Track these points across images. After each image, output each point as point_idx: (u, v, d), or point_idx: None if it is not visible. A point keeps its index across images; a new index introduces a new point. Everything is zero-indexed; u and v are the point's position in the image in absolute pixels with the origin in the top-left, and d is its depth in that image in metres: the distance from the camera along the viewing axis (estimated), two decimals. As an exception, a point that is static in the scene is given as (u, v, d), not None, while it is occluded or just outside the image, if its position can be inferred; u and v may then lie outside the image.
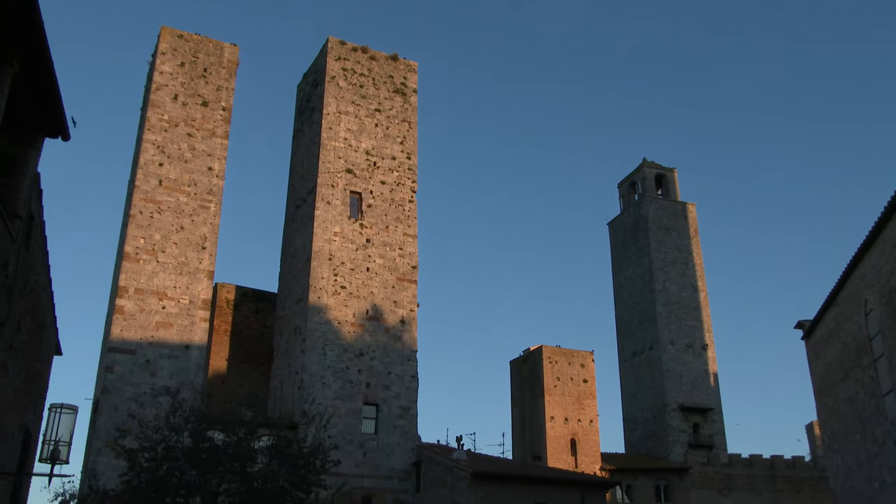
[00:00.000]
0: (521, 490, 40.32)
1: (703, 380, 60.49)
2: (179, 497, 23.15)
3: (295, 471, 24.04)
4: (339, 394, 44.55)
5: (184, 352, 43.83)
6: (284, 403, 45.78)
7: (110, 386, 41.50)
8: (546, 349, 56.26)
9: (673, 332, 61.13)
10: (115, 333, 42.72)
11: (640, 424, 60.83)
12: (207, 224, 46.75)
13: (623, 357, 64.75)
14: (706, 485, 53.66)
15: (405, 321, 48.00)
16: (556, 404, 54.30)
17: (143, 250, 44.76)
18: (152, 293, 44.26)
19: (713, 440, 58.34)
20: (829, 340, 30.33)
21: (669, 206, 66.97)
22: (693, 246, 65.65)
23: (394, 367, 46.57)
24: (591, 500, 41.73)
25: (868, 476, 27.26)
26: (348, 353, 45.71)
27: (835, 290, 28.55)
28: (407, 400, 46.18)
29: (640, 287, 64.13)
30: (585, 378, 56.04)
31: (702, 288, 64.14)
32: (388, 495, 43.69)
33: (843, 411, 29.17)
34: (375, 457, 44.16)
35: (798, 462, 56.30)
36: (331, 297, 46.48)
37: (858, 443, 27.95)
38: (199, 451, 23.29)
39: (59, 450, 13.47)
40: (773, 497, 54.29)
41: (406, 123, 53.02)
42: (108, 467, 33.83)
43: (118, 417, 37.65)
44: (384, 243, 49.15)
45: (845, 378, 28.79)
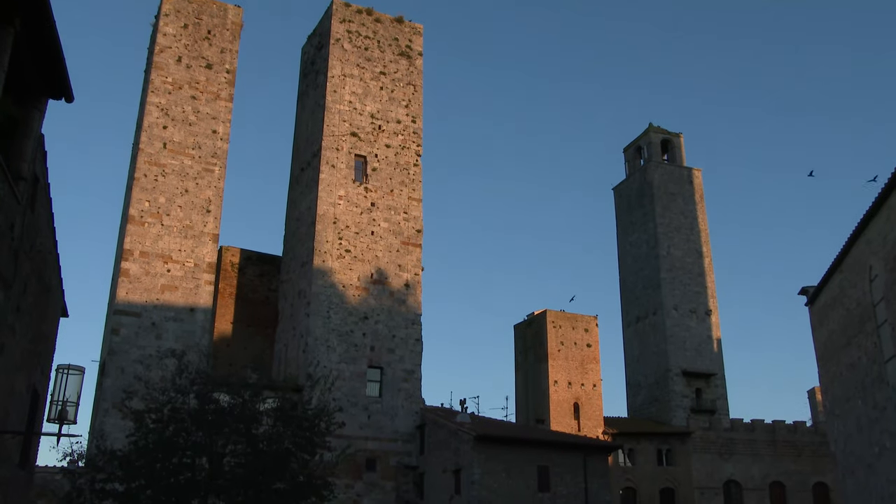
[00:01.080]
0: (524, 453, 40.68)
1: (706, 345, 60.71)
2: (186, 458, 23.40)
3: (300, 433, 24.26)
4: (343, 357, 44.83)
5: (189, 315, 44.08)
6: (289, 366, 46.12)
7: (116, 348, 41.82)
8: (550, 314, 56.42)
9: (677, 298, 61.23)
10: (120, 296, 42.93)
11: (642, 389, 61.19)
12: (212, 187, 46.75)
13: (627, 322, 64.94)
14: (708, 449, 54.09)
15: (410, 285, 48.13)
16: (560, 368, 54.59)
17: (147, 213, 44.83)
18: (157, 256, 44.41)
19: (715, 405, 58.70)
20: (832, 307, 30.37)
21: (675, 171, 66.73)
22: (698, 211, 65.51)
23: (398, 331, 46.79)
24: (594, 463, 42.11)
25: (868, 441, 27.45)
26: (353, 317, 45.91)
27: (840, 256, 28.51)
28: (411, 363, 46.47)
29: (644, 252, 64.13)
30: (589, 343, 56.27)
31: (706, 253, 64.13)
32: (391, 457, 44.15)
33: (845, 377, 29.30)
34: (379, 419, 44.55)
35: (799, 427, 56.67)
36: (335, 261, 46.58)
37: (859, 408, 28.11)
38: (205, 412, 23.51)
39: (66, 410, 13.61)
40: (773, 461, 54.73)
41: (411, 87, 52.71)
42: (115, 428, 34.23)
43: (125, 379, 37.98)
44: (389, 207, 49.13)
45: (848, 344, 28.87)
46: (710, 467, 53.62)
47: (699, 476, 53.10)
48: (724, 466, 53.92)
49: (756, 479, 54.10)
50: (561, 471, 40.91)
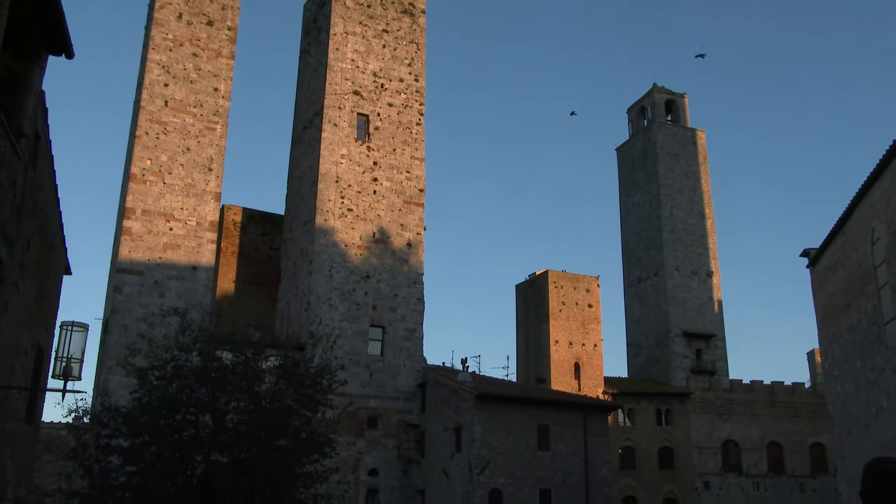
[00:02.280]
0: (525, 412, 41.06)
1: (707, 306, 60.88)
2: (189, 414, 23.58)
3: (302, 390, 24.42)
4: (345, 315, 45.03)
5: (191, 273, 44.20)
6: (291, 325, 46.36)
7: (119, 306, 42.02)
8: (552, 274, 56.51)
9: (679, 259, 61.28)
10: (123, 254, 43.02)
11: (643, 350, 61.50)
12: (214, 145, 46.60)
13: (628, 283, 65.07)
14: (707, 409, 54.51)
15: (412, 244, 48.17)
16: (561, 328, 54.81)
17: (149, 172, 44.74)
18: (159, 215, 44.40)
19: (715, 366, 59.04)
20: (834, 269, 30.40)
21: (679, 132, 66.38)
22: (701, 173, 65.29)
23: (400, 290, 46.94)
24: (594, 422, 42.51)
25: (866, 402, 27.66)
26: (355, 276, 46.03)
27: (842, 218, 28.47)
28: (413, 322, 46.68)
29: (646, 213, 64.04)
30: (590, 303, 56.42)
31: (709, 215, 64.03)
32: (393, 415, 44.57)
33: (845, 339, 29.43)
34: (381, 378, 44.89)
35: (798, 388, 57.03)
36: (337, 220, 46.58)
37: (858, 370, 28.28)
38: (208, 370, 23.64)
39: (71, 366, 13.71)
40: (772, 422, 55.18)
41: (414, 45, 52.25)
42: (119, 385, 34.50)
43: (128, 337, 38.20)
44: (391, 166, 48.99)
45: (848, 306, 28.95)
46: (709, 427, 54.08)
47: (698, 436, 53.59)
48: (722, 426, 54.37)
49: (754, 439, 54.60)
50: (561, 429, 41.32)
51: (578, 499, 40.57)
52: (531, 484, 39.78)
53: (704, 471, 53.11)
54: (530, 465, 39.97)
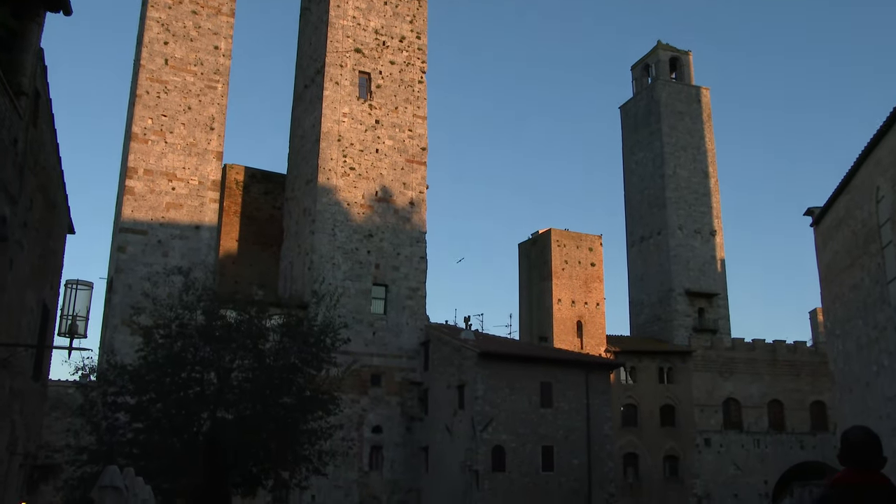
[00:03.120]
0: (527, 370, 41.35)
1: (709, 265, 60.94)
2: (195, 372, 23.81)
3: (305, 348, 24.61)
4: (348, 274, 45.15)
5: (194, 232, 44.26)
6: (295, 283, 46.51)
7: (123, 265, 42.15)
8: (554, 232, 56.48)
9: (682, 218, 61.19)
10: (126, 214, 43.05)
11: (645, 308, 61.69)
12: (215, 104, 46.35)
13: (631, 242, 65.06)
14: (708, 368, 54.83)
15: (414, 203, 48.12)
16: (564, 287, 54.93)
17: (150, 131, 44.58)
18: (162, 174, 44.34)
19: (717, 325, 59.26)
20: (837, 227, 30.35)
21: (683, 89, 65.85)
22: (706, 131, 64.90)
23: (403, 249, 46.99)
24: (596, 380, 42.82)
25: (867, 360, 27.80)
26: (357, 235, 46.06)
27: (847, 176, 28.36)
28: (416, 281, 46.81)
29: (650, 172, 63.80)
30: (593, 262, 56.46)
31: (713, 174, 63.78)
32: (396, 373, 44.90)
33: (847, 297, 29.49)
34: (384, 336, 45.13)
35: (800, 347, 57.29)
36: (340, 179, 46.48)
37: (860, 328, 28.37)
38: (212, 328, 23.81)
39: (76, 324, 13.80)
40: (772, 380, 55.53)
41: (416, 2, 51.65)
42: (124, 344, 34.77)
43: (132, 296, 38.40)
44: (393, 124, 48.75)
45: (852, 265, 28.96)
46: (711, 385, 54.46)
47: (699, 394, 53.98)
48: (724, 385, 54.74)
49: (755, 397, 55.00)
50: (563, 387, 41.64)
51: (580, 455, 41.03)
52: (534, 441, 40.21)
53: (705, 428, 53.59)
54: (533, 423, 40.36)
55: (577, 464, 40.93)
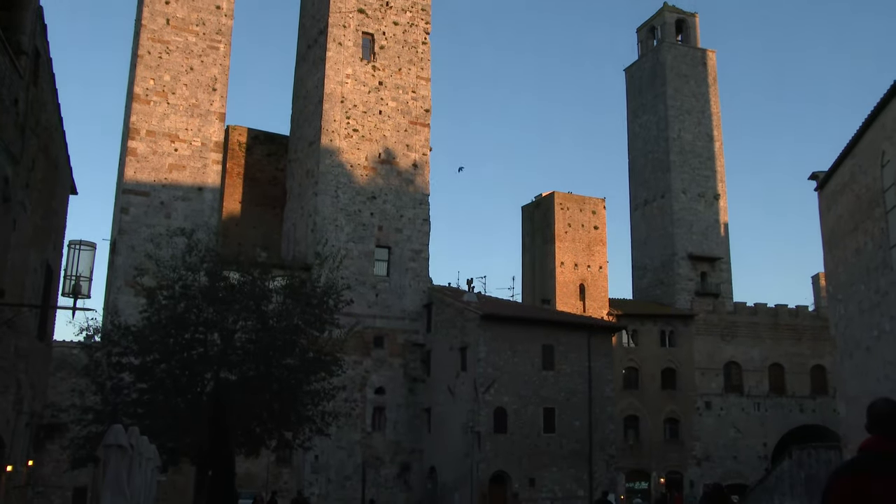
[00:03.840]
0: (530, 332, 41.52)
1: (713, 229, 60.83)
2: (198, 333, 23.90)
3: (308, 310, 24.66)
4: (351, 236, 45.17)
5: (197, 194, 44.21)
6: (298, 245, 46.56)
7: (126, 227, 42.20)
8: (558, 195, 56.35)
9: (686, 181, 60.97)
10: (128, 175, 42.98)
11: (648, 272, 61.71)
12: (217, 65, 46.02)
13: (634, 205, 64.90)
14: (710, 331, 55.00)
15: (417, 165, 47.97)
16: (567, 250, 54.93)
17: (152, 92, 44.33)
18: (164, 135, 44.18)
19: (720, 289, 59.31)
20: (842, 192, 30.24)
21: (689, 52, 65.20)
22: (711, 94, 64.39)
23: (406, 211, 46.94)
24: (598, 343, 43.00)
25: (868, 324, 27.86)
26: (360, 196, 45.99)
27: (853, 140, 28.19)
28: (419, 243, 46.82)
29: (654, 135, 63.43)
30: (596, 225, 56.39)
31: (717, 137, 63.40)
32: (399, 335, 45.10)
33: (850, 262, 29.47)
34: (387, 298, 45.26)
35: (801, 311, 57.40)
36: (343, 140, 46.30)
37: (862, 293, 28.39)
38: (216, 290, 23.85)
39: (80, 284, 13.82)
40: (774, 344, 55.72)
41: (419, -39, 50.97)
42: (128, 305, 34.89)
43: (135, 257, 38.46)
44: (397, 86, 48.41)
45: (855, 230, 28.90)
46: (712, 349, 54.68)
47: (700, 357, 54.22)
48: (725, 348, 54.96)
49: (756, 360, 55.24)
50: (565, 349, 41.84)
51: (582, 417, 41.34)
52: (535, 403, 40.50)
53: (706, 391, 53.93)
54: (535, 385, 40.62)
55: (579, 426, 41.27)
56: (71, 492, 38.02)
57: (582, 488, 40.63)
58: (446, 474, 41.05)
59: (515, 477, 39.31)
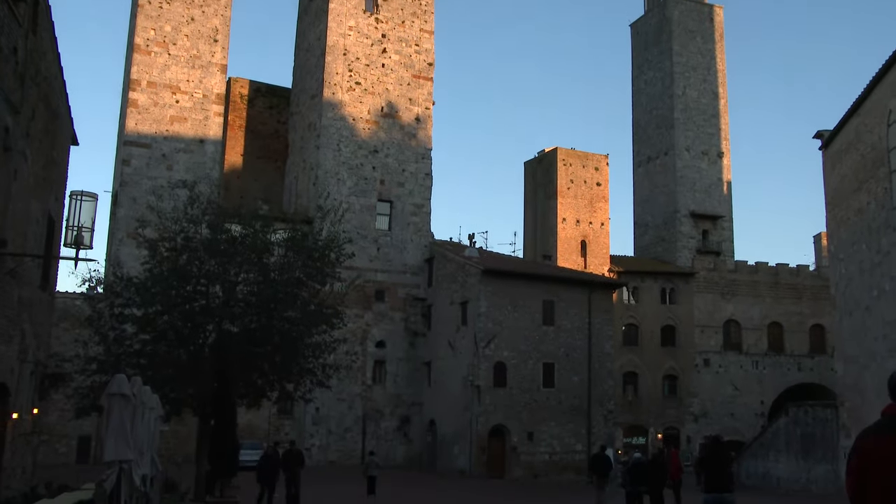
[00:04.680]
0: (530, 287, 41.63)
1: (716, 187, 60.65)
2: (200, 285, 23.93)
3: (310, 262, 24.66)
4: (353, 190, 45.10)
5: (199, 146, 44.06)
6: (300, 198, 46.51)
7: (128, 179, 42.14)
8: (561, 151, 56.12)
9: (689, 139, 60.62)
10: (129, 127, 42.79)
11: (650, 229, 61.68)
12: (219, 16, 45.53)
13: (637, 162, 64.62)
14: (711, 289, 55.16)
15: (420, 119, 47.70)
16: (569, 206, 54.87)
17: (153, 42, 43.92)
18: (165, 87, 43.89)
19: (721, 247, 59.32)
20: (846, 151, 30.10)
21: (695, 8, 64.36)
22: (717, 51, 63.71)
23: (408, 165, 46.79)
24: (598, 299, 43.14)
25: (869, 284, 27.93)
26: (363, 150, 45.82)
27: (859, 99, 27.98)
28: (420, 197, 46.76)
29: (659, 91, 62.91)
30: (599, 181, 56.25)
31: (722, 95, 62.89)
32: (400, 289, 45.26)
33: (853, 221, 29.44)
34: (389, 252, 45.34)
35: (802, 270, 57.50)
36: (345, 94, 45.98)
37: (863, 252, 28.41)
38: (217, 242, 23.80)
39: (82, 235, 13.84)
40: (774, 302, 55.92)
41: (424, -89, 50.12)
42: (130, 257, 34.94)
43: (137, 209, 38.43)
44: (400, 39, 47.93)
45: (858, 189, 28.82)
46: (712, 307, 54.89)
47: (700, 315, 54.46)
48: (725, 306, 55.17)
49: (755, 319, 55.48)
50: (566, 305, 42.00)
51: (581, 373, 41.65)
52: (535, 358, 40.77)
53: (705, 349, 54.25)
54: (535, 340, 40.85)
55: (578, 381, 41.60)
56: (75, 440, 38.55)
57: (580, 443, 41.08)
58: (446, 427, 41.49)
59: (514, 431, 39.73)
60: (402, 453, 43.91)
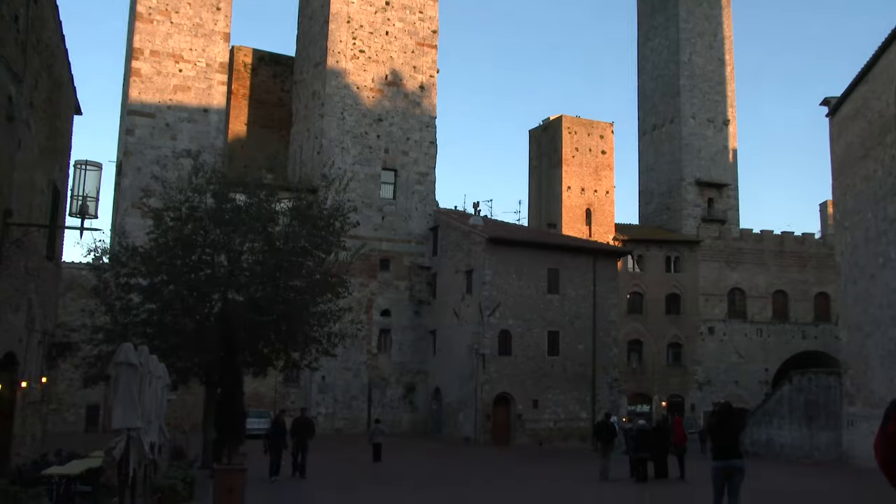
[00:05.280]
0: (535, 256, 41.64)
1: (721, 155, 60.37)
2: (205, 255, 23.99)
3: (315, 231, 24.70)
4: (357, 159, 45.00)
5: (203, 115, 43.93)
6: (304, 167, 46.43)
7: (132, 148, 42.09)
8: (566, 119, 55.85)
9: (695, 106, 60.24)
10: (133, 96, 42.65)
11: (655, 197, 61.52)
12: (221, -18, 45.13)
13: (643, 130, 64.30)
14: (716, 258, 55.12)
15: (424, 87, 47.44)
16: (574, 174, 54.71)
17: (155, 11, 43.62)
18: (168, 56, 43.67)
19: (726, 215, 59.18)
20: (853, 118, 29.90)
21: (703, -27, 63.62)
22: (724, 17, 63.07)
23: (412, 133, 46.63)
24: (603, 267, 43.16)
25: (874, 252, 27.89)
26: (367, 119, 45.65)
27: (868, 65, 27.76)
28: (425, 166, 46.66)
29: (665, 58, 62.40)
30: (604, 149, 56.02)
31: (729, 62, 62.36)
32: (405, 258, 45.32)
33: (859, 189, 29.33)
34: (393, 221, 45.34)
35: (807, 238, 57.39)
36: (349, 62, 45.71)
37: (869, 220, 28.34)
38: (222, 211, 23.81)
39: (87, 205, 13.85)
40: (779, 270, 55.88)
41: None
42: (135, 227, 35.00)
43: (142, 179, 38.44)
44: (403, 6, 47.52)
45: (865, 156, 28.68)
46: (717, 275, 54.89)
47: (705, 283, 54.47)
48: (730, 274, 55.16)
49: (760, 287, 55.49)
50: (570, 274, 42.03)
51: (585, 341, 41.79)
52: (540, 326, 40.89)
53: (710, 317, 54.34)
54: (539, 308, 40.94)
55: (582, 349, 41.75)
56: (84, 409, 38.90)
57: (585, 410, 41.33)
58: (451, 395, 41.75)
59: (519, 398, 39.96)
60: (407, 421, 44.24)
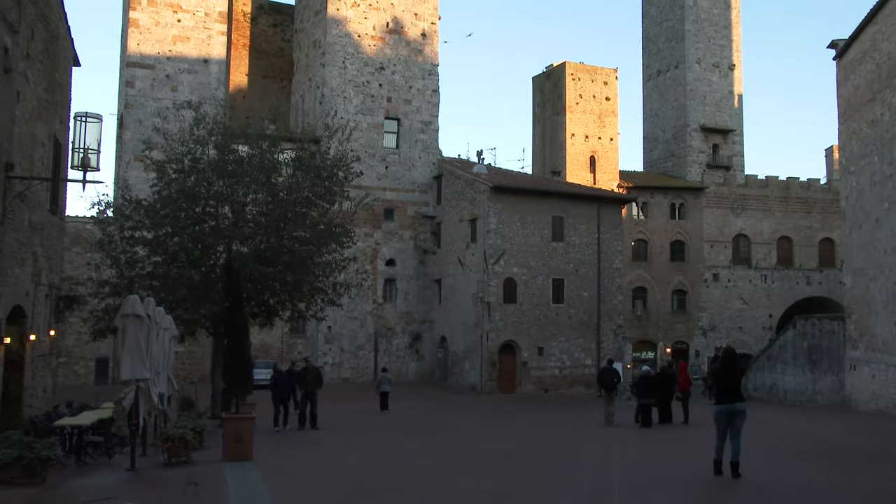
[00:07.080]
0: (539, 204, 41.56)
1: (727, 100, 59.77)
2: (209, 206, 24.00)
3: (318, 182, 24.67)
4: (360, 108, 44.70)
5: (203, 66, 43.57)
6: (307, 117, 46.15)
7: (132, 101, 41.84)
8: (569, 65, 55.22)
9: (700, 51, 59.46)
10: (132, 48, 42.27)
11: (659, 144, 61.10)
12: (218, -71, 44.37)
13: (647, 76, 63.59)
14: (720, 204, 54.91)
15: (426, 34, 46.89)
16: (578, 121, 54.28)
17: (152, -42, 42.97)
18: (166, 5, 43.18)
19: (731, 161, 58.79)
20: (861, 61, 29.52)
21: (709, -88, 62.28)
22: (731, -42, 61.91)
23: (415, 82, 46.23)
24: (607, 214, 43.10)
25: (879, 196, 27.76)
26: (369, 67, 45.23)
27: (877, 5, 27.32)
28: (428, 114, 46.34)
29: (669, 2, 61.43)
30: (608, 96, 55.49)
31: (734, 5, 61.37)
32: (409, 207, 45.27)
33: (865, 133, 29.08)
34: (397, 170, 45.19)
35: (813, 184, 57.09)
36: (350, 9, 45.13)
37: (875, 164, 28.15)
38: (225, 163, 23.78)
39: (88, 157, 13.81)
40: (783, 217, 55.70)
41: None
42: (138, 180, 34.95)
43: (143, 131, 38.28)
44: (404, -48, 46.71)
45: (872, 100, 28.38)
46: (722, 221, 54.74)
47: (710, 230, 54.36)
48: (735, 221, 55.00)
49: (765, 233, 55.38)
50: (575, 221, 42.00)
51: (590, 288, 41.92)
52: (545, 274, 40.98)
53: (714, 263, 54.35)
54: (544, 256, 40.99)
55: (587, 296, 41.89)
56: (93, 362, 39.29)
57: (589, 357, 41.63)
58: (457, 343, 42.04)
59: (524, 346, 40.23)
60: (413, 370, 44.63)
